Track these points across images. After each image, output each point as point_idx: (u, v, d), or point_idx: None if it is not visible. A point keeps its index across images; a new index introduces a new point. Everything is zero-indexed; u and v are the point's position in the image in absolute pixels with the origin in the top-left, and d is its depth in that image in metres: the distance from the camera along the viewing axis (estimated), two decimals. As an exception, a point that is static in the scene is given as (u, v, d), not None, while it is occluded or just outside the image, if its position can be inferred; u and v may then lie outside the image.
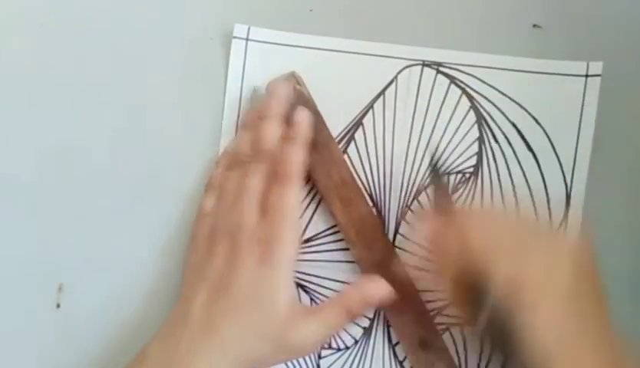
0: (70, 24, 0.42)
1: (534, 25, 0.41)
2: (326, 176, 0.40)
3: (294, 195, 0.36)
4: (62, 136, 0.41)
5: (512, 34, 0.41)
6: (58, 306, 0.41)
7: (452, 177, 0.41)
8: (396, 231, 0.41)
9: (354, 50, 0.41)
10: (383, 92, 0.41)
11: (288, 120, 0.39)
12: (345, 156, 0.41)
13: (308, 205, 0.41)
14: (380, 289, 0.36)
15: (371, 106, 0.41)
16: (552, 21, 0.41)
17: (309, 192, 0.41)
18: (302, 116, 0.38)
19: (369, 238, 0.40)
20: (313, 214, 0.41)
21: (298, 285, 0.41)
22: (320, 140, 0.40)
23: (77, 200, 0.41)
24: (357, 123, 0.41)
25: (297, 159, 0.37)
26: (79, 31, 0.42)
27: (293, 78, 0.40)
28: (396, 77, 0.41)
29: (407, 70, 0.41)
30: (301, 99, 0.40)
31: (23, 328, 0.41)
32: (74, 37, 0.42)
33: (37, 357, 0.41)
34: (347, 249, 0.41)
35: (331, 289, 0.41)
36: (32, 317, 0.41)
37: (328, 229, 0.41)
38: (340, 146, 0.41)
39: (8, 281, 0.41)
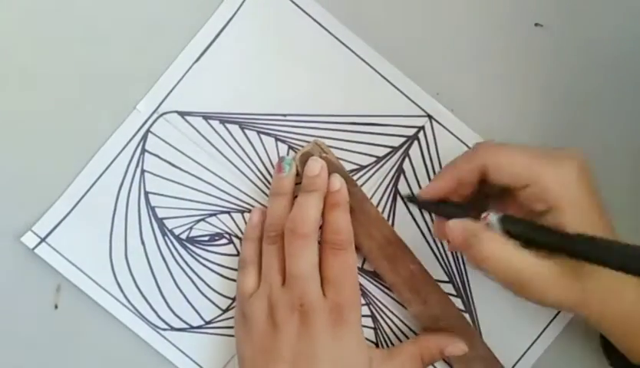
0: None
1: (536, 24, 0.41)
2: (368, 238, 0.39)
3: (353, 260, 0.38)
4: None
5: (513, 33, 0.41)
6: (56, 307, 0.40)
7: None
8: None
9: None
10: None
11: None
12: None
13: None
14: (460, 349, 0.39)
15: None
16: (553, 19, 0.41)
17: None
18: (337, 183, 0.38)
19: (423, 293, 0.39)
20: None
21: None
22: (354, 203, 0.39)
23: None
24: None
25: (349, 225, 0.38)
26: None
27: (318, 147, 0.40)
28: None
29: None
30: (331, 166, 0.39)
31: (21, 329, 0.40)
32: None
33: (35, 358, 0.40)
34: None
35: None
36: (30, 318, 0.40)
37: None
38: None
39: (5, 282, 0.40)
